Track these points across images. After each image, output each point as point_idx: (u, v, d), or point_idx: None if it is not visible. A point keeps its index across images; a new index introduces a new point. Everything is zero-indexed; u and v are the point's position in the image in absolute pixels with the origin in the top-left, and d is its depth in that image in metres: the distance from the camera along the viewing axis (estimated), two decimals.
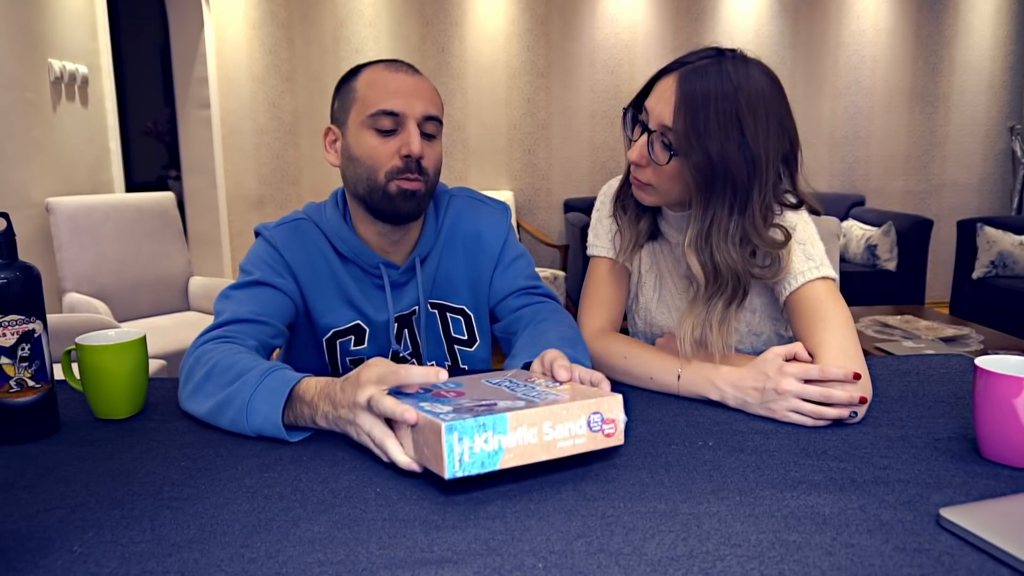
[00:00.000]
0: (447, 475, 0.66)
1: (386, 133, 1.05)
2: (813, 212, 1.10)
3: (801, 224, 1.06)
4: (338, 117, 1.12)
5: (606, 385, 0.82)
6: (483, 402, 0.73)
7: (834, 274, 1.03)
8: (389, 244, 1.14)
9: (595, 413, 0.72)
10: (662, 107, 1.00)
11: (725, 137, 0.95)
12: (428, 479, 0.75)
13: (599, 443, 0.73)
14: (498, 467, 0.67)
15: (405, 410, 0.71)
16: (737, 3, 4.80)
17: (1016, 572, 0.57)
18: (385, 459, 0.75)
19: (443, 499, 0.70)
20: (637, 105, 1.07)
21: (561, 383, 0.81)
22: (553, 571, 0.58)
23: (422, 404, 0.73)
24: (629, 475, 0.75)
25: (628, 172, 1.14)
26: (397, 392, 0.78)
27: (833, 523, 0.65)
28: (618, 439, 0.74)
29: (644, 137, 1.02)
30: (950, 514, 0.64)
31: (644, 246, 1.20)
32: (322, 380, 0.84)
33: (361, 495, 0.71)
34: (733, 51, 1.01)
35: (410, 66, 1.10)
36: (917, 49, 5.02)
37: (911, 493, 0.70)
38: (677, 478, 0.74)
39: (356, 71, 1.11)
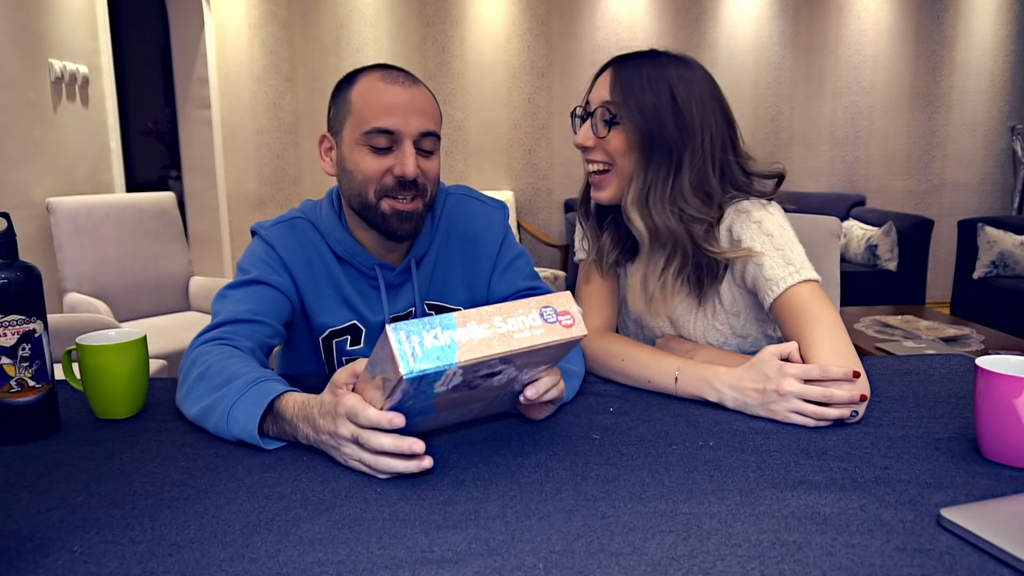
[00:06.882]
0: (403, 371, 0.65)
1: (381, 150, 1.03)
2: (766, 195, 1.11)
3: (776, 228, 1.05)
4: (333, 126, 1.09)
5: None
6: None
7: (816, 275, 1.01)
8: (385, 249, 1.13)
9: (546, 307, 0.73)
10: (600, 90, 1.10)
11: (657, 98, 1.05)
12: (428, 479, 0.75)
13: (561, 333, 0.72)
14: (456, 360, 0.67)
15: (402, 442, 0.71)
16: (737, 3, 4.80)
17: (1016, 572, 0.57)
18: (382, 476, 0.74)
19: (443, 499, 0.70)
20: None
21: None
22: (553, 571, 0.58)
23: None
24: (629, 475, 0.75)
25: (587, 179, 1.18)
26: None
27: (833, 523, 0.65)
28: (579, 330, 0.74)
29: (588, 120, 1.11)
30: (951, 514, 0.64)
31: (620, 262, 1.22)
32: (299, 399, 0.82)
33: (361, 495, 0.71)
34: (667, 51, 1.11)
35: (408, 74, 1.06)
36: (917, 49, 5.02)
37: (912, 493, 0.70)
38: (677, 478, 0.75)
39: (353, 77, 1.07)
